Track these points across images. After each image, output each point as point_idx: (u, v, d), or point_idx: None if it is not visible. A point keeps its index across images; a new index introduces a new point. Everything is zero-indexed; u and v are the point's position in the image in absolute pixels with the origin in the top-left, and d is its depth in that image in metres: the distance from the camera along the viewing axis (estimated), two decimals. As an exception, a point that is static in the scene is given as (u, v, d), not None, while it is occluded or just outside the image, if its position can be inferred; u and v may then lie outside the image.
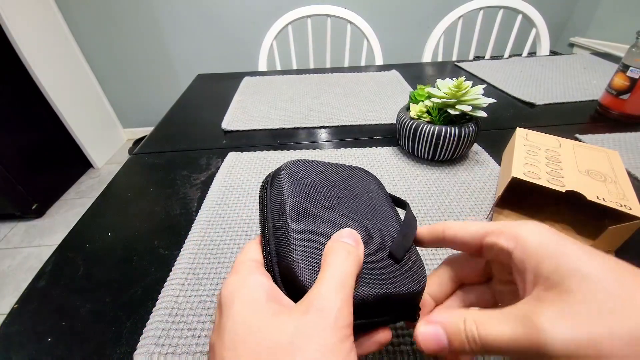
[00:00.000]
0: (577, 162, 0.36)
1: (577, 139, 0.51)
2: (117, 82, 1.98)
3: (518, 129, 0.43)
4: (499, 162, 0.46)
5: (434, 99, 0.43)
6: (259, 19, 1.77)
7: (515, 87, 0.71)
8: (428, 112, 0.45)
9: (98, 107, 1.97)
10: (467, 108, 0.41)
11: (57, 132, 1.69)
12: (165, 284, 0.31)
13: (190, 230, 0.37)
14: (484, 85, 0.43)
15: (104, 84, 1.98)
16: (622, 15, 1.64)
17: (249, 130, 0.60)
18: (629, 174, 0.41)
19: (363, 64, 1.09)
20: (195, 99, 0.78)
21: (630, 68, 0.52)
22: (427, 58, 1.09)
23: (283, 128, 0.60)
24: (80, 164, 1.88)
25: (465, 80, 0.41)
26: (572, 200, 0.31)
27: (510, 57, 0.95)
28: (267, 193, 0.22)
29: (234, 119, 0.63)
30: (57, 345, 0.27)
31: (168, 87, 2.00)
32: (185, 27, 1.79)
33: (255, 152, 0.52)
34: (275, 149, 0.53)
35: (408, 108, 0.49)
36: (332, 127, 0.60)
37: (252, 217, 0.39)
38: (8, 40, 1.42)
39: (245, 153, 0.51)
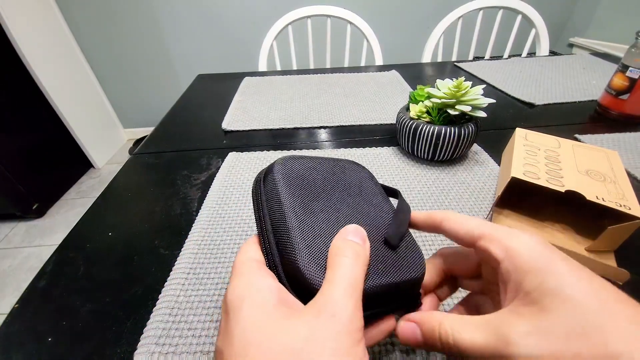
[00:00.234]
0: (576, 162, 0.36)
1: (576, 139, 0.51)
2: (117, 82, 1.98)
3: (517, 129, 0.43)
4: (499, 162, 0.47)
5: (434, 99, 0.43)
6: (259, 19, 1.77)
7: (515, 87, 0.72)
8: (428, 112, 0.46)
9: (98, 107, 1.98)
10: (466, 108, 0.41)
11: (57, 132, 1.70)
12: (166, 284, 0.31)
13: (191, 230, 0.37)
14: (484, 86, 0.43)
15: (105, 84, 1.99)
16: (621, 16, 1.64)
17: (249, 131, 0.60)
18: (629, 174, 0.41)
19: (363, 64, 1.09)
20: (196, 99, 0.78)
21: (630, 68, 0.52)
22: (426, 58, 1.09)
23: (283, 128, 0.60)
24: (81, 164, 1.88)
25: (465, 81, 0.41)
26: (571, 201, 0.31)
27: (510, 57, 0.95)
28: (261, 191, 0.22)
29: (234, 119, 0.63)
30: (57, 345, 0.27)
31: (168, 87, 2.00)
32: (186, 27, 1.79)
33: (256, 152, 0.52)
34: (276, 149, 0.53)
35: (408, 108, 0.49)
36: (332, 127, 0.60)
37: (252, 217, 0.39)
38: (8, 40, 1.42)
39: (246, 153, 0.52)
